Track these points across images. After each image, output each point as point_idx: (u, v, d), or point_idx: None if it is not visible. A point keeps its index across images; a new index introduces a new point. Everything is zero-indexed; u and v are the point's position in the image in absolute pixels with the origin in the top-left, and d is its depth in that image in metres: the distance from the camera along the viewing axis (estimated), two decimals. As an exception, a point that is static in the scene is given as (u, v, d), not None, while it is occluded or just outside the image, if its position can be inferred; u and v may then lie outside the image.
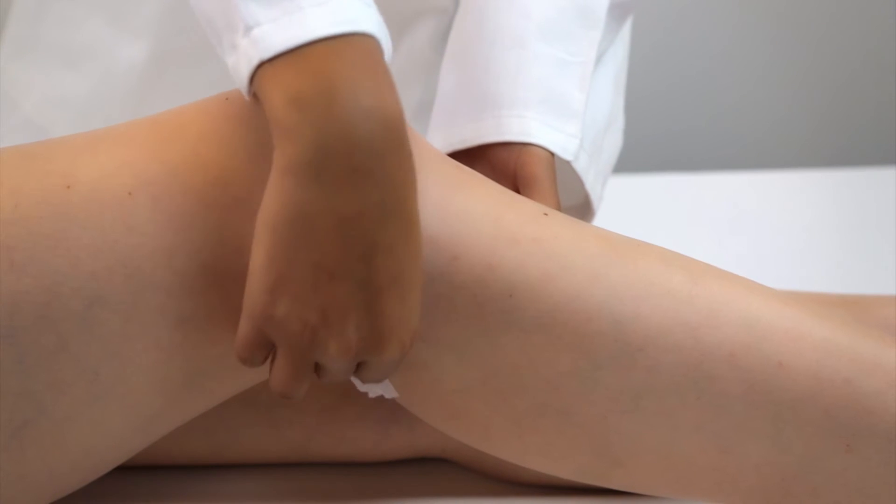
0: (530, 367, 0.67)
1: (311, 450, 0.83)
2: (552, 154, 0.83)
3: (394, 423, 0.83)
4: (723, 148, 1.72)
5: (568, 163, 0.86)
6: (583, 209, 0.92)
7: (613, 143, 0.98)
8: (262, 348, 0.62)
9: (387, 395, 0.69)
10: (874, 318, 0.94)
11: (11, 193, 0.64)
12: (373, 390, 0.69)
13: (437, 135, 0.83)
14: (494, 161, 0.82)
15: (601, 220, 0.96)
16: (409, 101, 0.99)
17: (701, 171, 1.61)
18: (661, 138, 1.70)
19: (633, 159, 1.38)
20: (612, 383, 0.67)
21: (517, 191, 0.80)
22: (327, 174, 0.59)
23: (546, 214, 0.69)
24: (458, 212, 0.67)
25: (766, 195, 1.39)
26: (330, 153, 0.58)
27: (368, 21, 0.61)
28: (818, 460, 0.68)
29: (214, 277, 0.65)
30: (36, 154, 0.66)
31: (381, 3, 0.66)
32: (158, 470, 0.83)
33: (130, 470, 0.81)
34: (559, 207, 0.80)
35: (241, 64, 0.61)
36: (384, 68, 0.61)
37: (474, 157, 0.83)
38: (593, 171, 0.90)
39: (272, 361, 0.63)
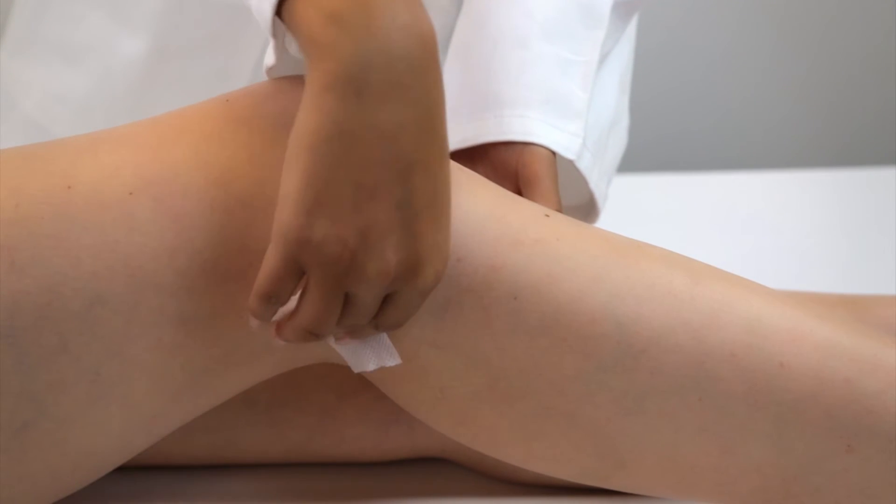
0: (535, 370, 0.67)
1: (311, 450, 0.83)
2: (554, 153, 0.83)
3: (394, 423, 0.83)
4: (724, 148, 1.72)
5: (572, 162, 0.86)
6: (587, 208, 0.92)
7: (618, 142, 0.97)
8: (291, 280, 0.61)
9: (389, 363, 0.67)
10: (874, 318, 0.94)
11: (12, 194, 0.64)
12: (377, 360, 0.66)
13: (439, 134, 0.83)
14: (496, 160, 0.82)
15: (603, 219, 0.95)
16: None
17: (703, 171, 1.61)
18: (663, 138, 1.70)
19: (635, 159, 1.38)
20: (616, 385, 0.67)
21: (518, 190, 0.80)
22: (368, 89, 0.58)
23: (548, 216, 0.69)
24: (461, 213, 0.67)
25: (767, 195, 1.39)
26: (371, 68, 0.58)
27: None
28: (819, 461, 0.68)
29: (216, 278, 0.65)
30: (37, 155, 0.66)
31: None
32: (158, 470, 0.83)
33: (131, 470, 0.81)
34: (560, 207, 0.80)
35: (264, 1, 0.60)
36: None
37: (476, 156, 0.83)
38: (597, 170, 0.90)
39: (301, 296, 0.62)
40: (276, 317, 0.63)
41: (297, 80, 0.68)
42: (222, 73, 0.97)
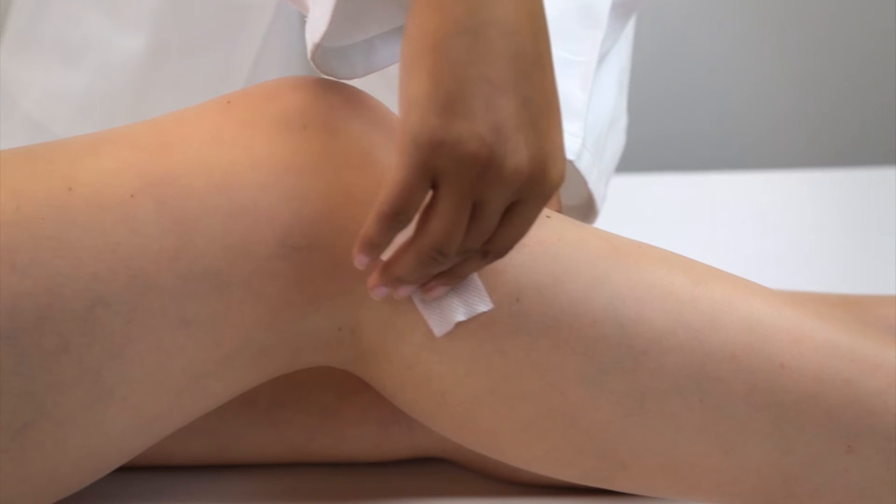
0: (537, 372, 0.67)
1: (311, 450, 0.83)
2: (554, 154, 0.83)
3: (394, 423, 0.83)
4: (724, 148, 1.72)
5: (571, 162, 0.86)
6: (586, 208, 0.92)
7: (617, 141, 0.98)
8: (422, 191, 0.59)
9: (481, 309, 0.66)
10: (874, 318, 0.94)
11: (13, 195, 0.64)
12: (466, 309, 0.66)
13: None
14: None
15: (603, 219, 0.96)
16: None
17: (702, 171, 1.61)
18: (663, 139, 1.70)
19: (635, 159, 1.38)
20: (617, 387, 0.67)
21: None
22: None
23: (549, 217, 0.69)
24: None
25: (767, 195, 1.39)
26: None
27: None
28: (819, 461, 0.68)
29: (218, 281, 0.65)
30: (38, 156, 0.66)
31: (380, 2, 0.66)
32: (159, 470, 0.83)
33: (131, 470, 0.81)
34: (560, 207, 0.80)
35: None
36: None
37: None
38: (596, 170, 0.90)
39: (425, 214, 0.61)
40: (385, 254, 0.62)
41: (298, 81, 0.68)
42: (221, 71, 0.97)
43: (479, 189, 0.59)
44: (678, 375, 0.67)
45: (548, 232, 0.68)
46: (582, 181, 0.88)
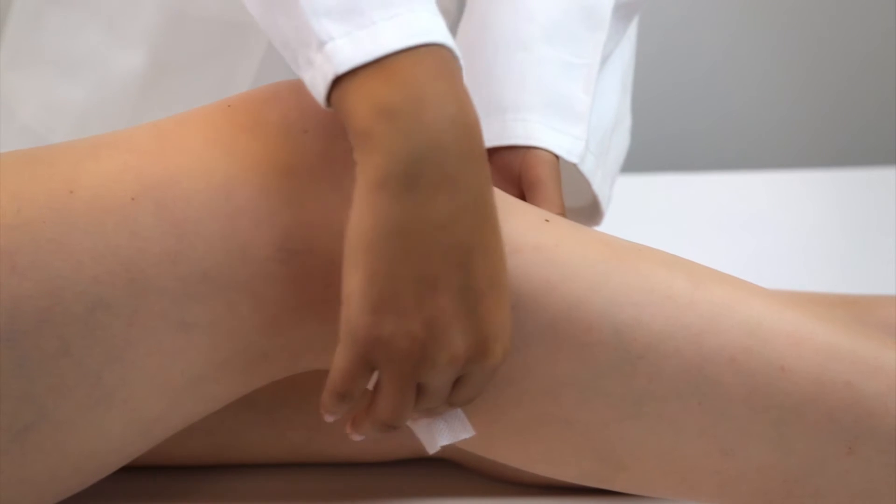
0: (528, 378, 0.67)
1: (311, 450, 0.83)
2: (557, 157, 0.83)
3: (394, 423, 0.83)
4: (724, 148, 1.72)
5: (575, 164, 0.86)
6: (591, 210, 0.92)
7: (621, 142, 0.97)
8: (363, 377, 0.62)
9: (463, 436, 0.67)
10: (875, 318, 0.94)
11: (14, 198, 0.64)
12: (451, 434, 0.67)
13: (442, 139, 0.83)
14: (499, 164, 0.82)
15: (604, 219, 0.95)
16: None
17: (703, 171, 1.61)
18: (663, 139, 1.70)
19: (635, 159, 1.37)
20: (613, 391, 0.67)
21: (521, 194, 0.80)
22: (422, 183, 0.58)
23: (547, 221, 0.69)
24: None
25: (767, 195, 1.39)
26: (422, 162, 0.58)
27: (439, 32, 0.60)
28: (820, 463, 0.68)
29: (218, 285, 0.64)
30: (39, 159, 0.66)
31: None
32: (159, 470, 0.83)
33: (131, 470, 0.81)
34: (563, 210, 0.80)
35: (318, 80, 0.60)
36: (460, 76, 0.61)
37: (479, 160, 0.82)
38: (601, 172, 0.90)
39: (375, 391, 0.63)
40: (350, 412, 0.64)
41: (299, 85, 0.68)
42: (220, 88, 0.97)
43: (418, 376, 0.61)
44: (677, 379, 0.67)
45: (546, 236, 0.68)
46: (586, 183, 0.88)
